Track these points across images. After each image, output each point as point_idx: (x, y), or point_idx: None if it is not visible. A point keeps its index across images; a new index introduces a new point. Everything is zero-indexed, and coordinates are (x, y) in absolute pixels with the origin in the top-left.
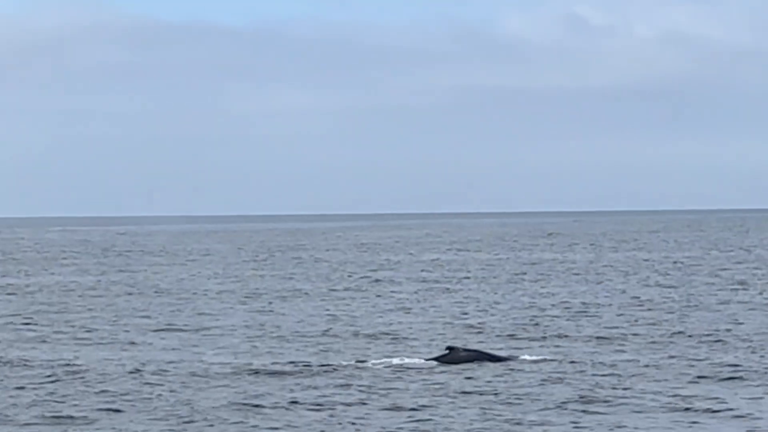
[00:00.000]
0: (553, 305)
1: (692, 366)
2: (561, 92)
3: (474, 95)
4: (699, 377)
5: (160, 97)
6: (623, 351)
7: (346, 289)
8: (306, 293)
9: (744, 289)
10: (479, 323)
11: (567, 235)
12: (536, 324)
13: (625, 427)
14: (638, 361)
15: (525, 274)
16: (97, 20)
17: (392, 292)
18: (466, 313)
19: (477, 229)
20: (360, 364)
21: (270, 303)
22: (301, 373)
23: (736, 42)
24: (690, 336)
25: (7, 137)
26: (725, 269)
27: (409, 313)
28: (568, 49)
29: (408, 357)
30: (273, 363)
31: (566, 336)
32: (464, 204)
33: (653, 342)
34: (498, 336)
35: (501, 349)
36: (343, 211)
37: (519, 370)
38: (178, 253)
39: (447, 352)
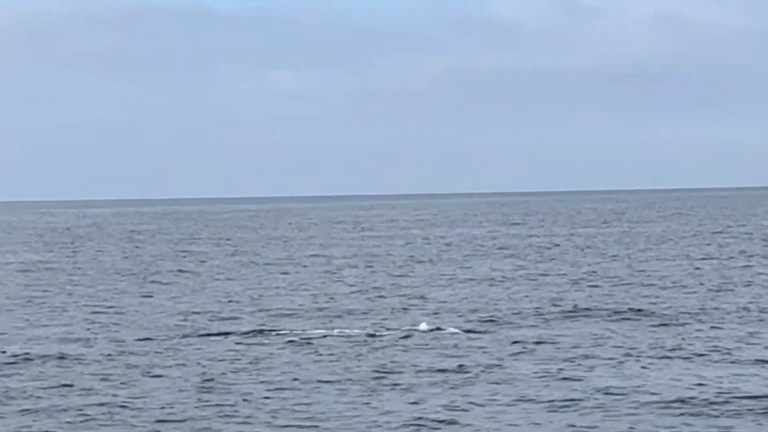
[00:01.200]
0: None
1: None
2: (553, 73)
3: (467, 78)
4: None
5: (154, 81)
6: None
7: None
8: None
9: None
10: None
11: (541, 215)
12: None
13: None
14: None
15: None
16: (94, 5)
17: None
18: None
19: (458, 209)
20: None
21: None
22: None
23: (728, 22)
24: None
25: (5, 123)
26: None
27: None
28: (561, 30)
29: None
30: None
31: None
32: (459, 185)
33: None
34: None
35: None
36: (337, 192)
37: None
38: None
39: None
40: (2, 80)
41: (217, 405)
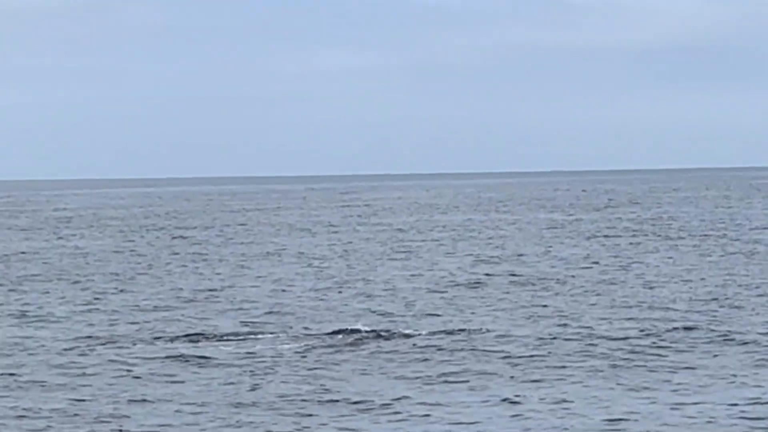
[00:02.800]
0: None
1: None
2: (612, 49)
3: (522, 53)
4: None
5: (203, 58)
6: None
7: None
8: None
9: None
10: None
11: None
12: None
13: None
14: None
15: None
16: None
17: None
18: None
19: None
20: None
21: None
22: None
23: None
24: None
25: (50, 98)
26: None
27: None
28: (616, 6)
29: None
30: None
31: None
32: (514, 163)
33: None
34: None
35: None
36: (388, 171)
37: None
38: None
39: None
40: (59, 56)
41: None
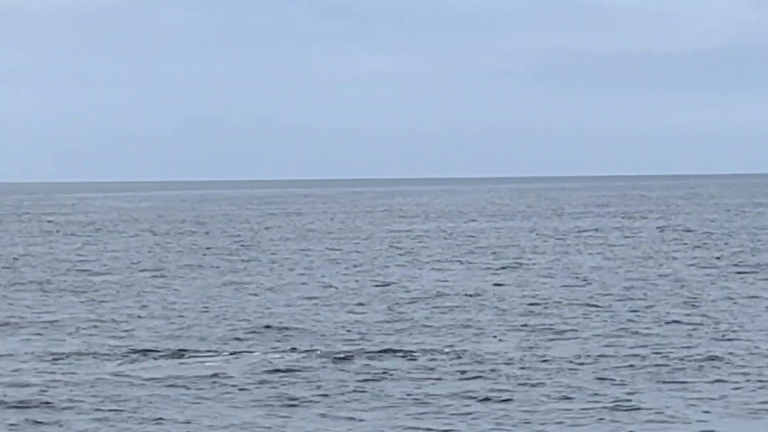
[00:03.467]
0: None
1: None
2: (643, 55)
3: (558, 58)
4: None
5: (243, 60)
6: None
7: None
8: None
9: None
10: None
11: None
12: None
13: None
14: None
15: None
16: None
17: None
18: None
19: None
20: None
21: None
22: None
23: None
24: None
25: (90, 101)
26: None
27: None
28: (654, 11)
29: None
30: None
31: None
32: (551, 167)
33: None
34: None
35: None
36: (425, 174)
37: None
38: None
39: None
40: (97, 61)
41: None
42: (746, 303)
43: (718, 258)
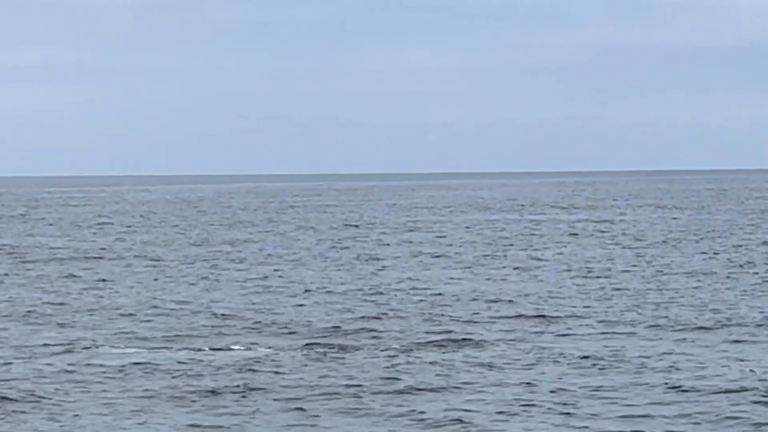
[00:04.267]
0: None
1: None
2: (697, 50)
3: (609, 54)
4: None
5: (292, 56)
6: None
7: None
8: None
9: None
10: None
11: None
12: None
13: None
14: None
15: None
16: None
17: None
18: None
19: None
20: None
21: None
22: None
23: None
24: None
25: (136, 96)
26: None
27: None
28: (705, 6)
29: None
30: None
31: None
32: (599, 162)
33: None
34: None
35: None
36: (473, 169)
37: None
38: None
39: None
40: (142, 54)
41: None
42: None
43: None
